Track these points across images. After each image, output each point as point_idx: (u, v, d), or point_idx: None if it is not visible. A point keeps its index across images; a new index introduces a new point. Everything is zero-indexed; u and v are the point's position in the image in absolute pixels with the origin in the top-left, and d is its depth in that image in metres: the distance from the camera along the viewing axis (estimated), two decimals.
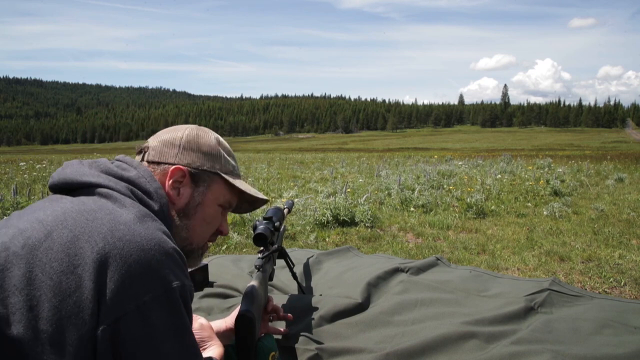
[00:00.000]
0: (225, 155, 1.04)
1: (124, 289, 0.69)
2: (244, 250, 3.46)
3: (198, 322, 1.13)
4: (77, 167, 0.88)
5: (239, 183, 1.04)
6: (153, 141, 0.99)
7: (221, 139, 1.07)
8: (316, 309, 1.64)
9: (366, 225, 4.14)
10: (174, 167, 0.95)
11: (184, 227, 0.96)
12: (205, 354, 1.03)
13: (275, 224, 1.47)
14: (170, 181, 0.94)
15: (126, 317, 0.69)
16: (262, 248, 1.44)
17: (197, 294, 1.86)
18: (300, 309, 1.61)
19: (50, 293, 0.67)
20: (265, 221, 1.44)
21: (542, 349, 1.34)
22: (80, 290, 0.68)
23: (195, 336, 0.94)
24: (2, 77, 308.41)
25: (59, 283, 0.67)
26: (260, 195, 1.09)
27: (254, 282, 1.23)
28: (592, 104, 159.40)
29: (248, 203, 1.11)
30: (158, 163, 0.95)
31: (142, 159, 0.97)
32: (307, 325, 1.52)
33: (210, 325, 1.15)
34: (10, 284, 0.67)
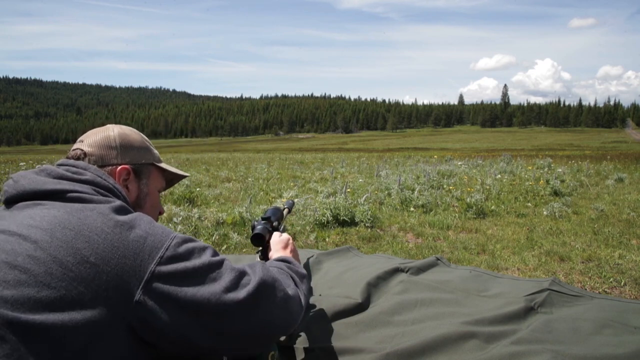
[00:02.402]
0: (151, 146, 1.17)
1: (139, 260, 0.78)
2: (244, 250, 3.46)
3: (277, 234, 1.36)
4: (31, 177, 0.91)
5: (167, 166, 1.19)
6: (87, 147, 1.04)
7: (140, 133, 1.18)
8: (315, 305, 1.64)
9: (366, 225, 4.14)
10: (120, 167, 1.05)
11: None
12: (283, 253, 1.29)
13: (274, 224, 1.47)
14: (120, 180, 1.04)
15: (150, 284, 0.78)
16: (260, 248, 1.44)
17: None
18: None
19: (76, 282, 0.74)
20: (263, 221, 1.44)
21: (542, 349, 1.34)
22: (99, 275, 0.75)
23: (276, 243, 1.31)
24: (2, 77, 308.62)
25: (79, 273, 0.74)
26: (181, 172, 1.24)
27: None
28: (592, 104, 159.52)
29: (168, 182, 1.25)
30: (102, 166, 1.03)
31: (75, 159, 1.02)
32: (307, 325, 1.52)
33: (288, 237, 1.37)
34: (38, 281, 0.72)
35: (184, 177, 1.25)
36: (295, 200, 4.99)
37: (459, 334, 1.43)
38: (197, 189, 6.53)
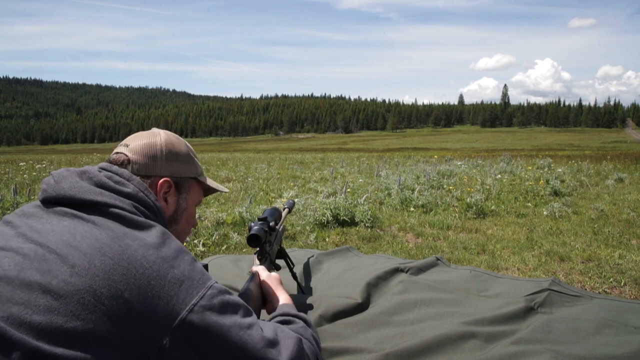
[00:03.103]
0: (196, 159, 1.12)
1: (172, 304, 0.77)
2: (243, 250, 3.46)
3: (265, 272, 1.28)
4: (73, 180, 0.88)
5: (209, 182, 1.15)
6: (131, 153, 1.00)
7: (186, 142, 1.13)
8: (314, 308, 1.64)
9: (366, 225, 4.14)
10: (162, 179, 1.01)
11: (173, 232, 1.03)
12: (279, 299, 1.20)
13: (270, 224, 1.47)
14: (160, 193, 1.01)
15: (184, 322, 0.77)
16: (258, 249, 1.44)
17: None
18: (300, 309, 1.61)
19: (105, 317, 0.72)
20: (260, 222, 1.43)
21: (542, 349, 1.34)
22: (130, 313, 0.74)
23: (267, 282, 1.22)
24: (2, 77, 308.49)
25: (111, 308, 0.72)
26: (222, 187, 1.20)
27: (247, 285, 1.23)
28: (592, 104, 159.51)
29: (206, 193, 1.22)
30: (147, 177, 1.00)
31: (120, 166, 0.98)
32: None
33: (277, 276, 1.30)
34: (72, 309, 0.71)
35: (223, 191, 1.22)
36: (295, 200, 4.99)
37: (459, 334, 1.44)
38: None
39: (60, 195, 0.85)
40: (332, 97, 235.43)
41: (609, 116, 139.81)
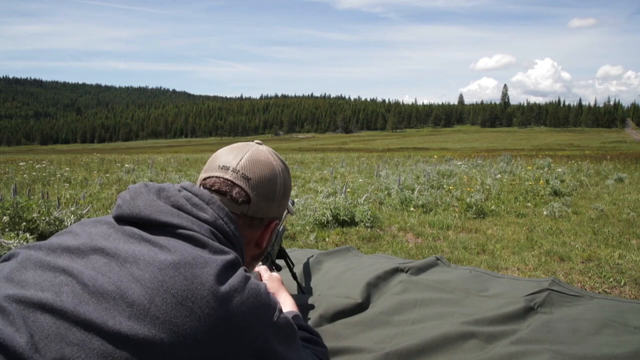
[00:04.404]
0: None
1: (238, 343, 0.73)
2: None
3: (267, 273, 1.24)
4: (149, 199, 0.82)
5: (288, 211, 1.13)
6: (254, 192, 0.90)
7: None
8: (315, 308, 1.64)
9: (366, 225, 4.14)
10: (274, 222, 0.97)
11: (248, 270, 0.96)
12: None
13: None
14: (267, 235, 0.96)
15: None
16: None
17: None
18: (300, 309, 1.62)
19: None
20: None
21: (541, 349, 1.34)
22: (193, 356, 0.68)
23: (270, 283, 1.16)
24: (2, 77, 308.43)
25: (171, 354, 0.67)
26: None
27: None
28: (592, 103, 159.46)
29: None
30: (260, 219, 0.93)
31: (233, 202, 0.90)
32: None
33: (279, 277, 1.26)
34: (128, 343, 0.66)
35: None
36: (295, 200, 4.99)
37: (459, 334, 1.44)
38: None
39: (134, 214, 0.80)
40: (332, 97, 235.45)
41: (609, 116, 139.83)
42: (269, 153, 0.97)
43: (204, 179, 0.92)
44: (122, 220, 0.81)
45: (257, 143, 1.00)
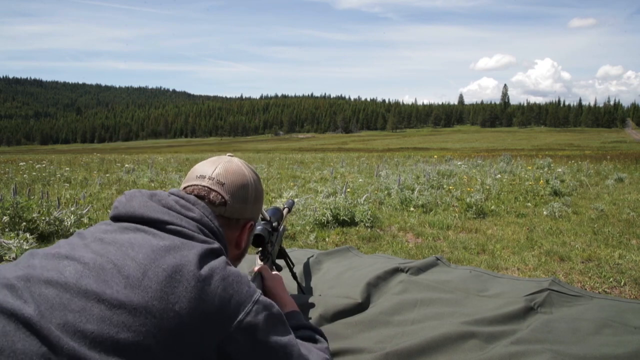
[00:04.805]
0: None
1: (220, 319, 0.80)
2: None
3: (269, 272, 1.31)
4: (142, 200, 0.92)
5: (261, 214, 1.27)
6: (229, 195, 1.01)
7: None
8: (315, 307, 1.64)
9: (366, 225, 4.14)
10: (249, 223, 1.08)
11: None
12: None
13: (273, 224, 1.47)
14: (244, 235, 1.07)
15: (231, 336, 0.81)
16: (260, 249, 1.44)
17: None
18: (300, 308, 1.62)
19: (155, 329, 0.74)
20: (263, 222, 1.44)
21: (541, 349, 1.34)
22: (179, 327, 0.76)
23: (272, 282, 1.25)
24: (2, 77, 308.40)
25: (162, 321, 0.75)
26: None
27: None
28: (592, 103, 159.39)
29: None
30: (236, 219, 1.04)
31: (211, 204, 1.00)
32: None
33: (280, 277, 1.34)
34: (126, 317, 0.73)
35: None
36: (295, 200, 4.99)
37: (459, 334, 1.44)
38: None
39: (129, 213, 0.90)
40: (332, 97, 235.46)
41: (609, 116, 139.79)
42: (240, 163, 1.09)
43: (184, 188, 1.04)
44: (119, 219, 0.91)
45: (229, 155, 1.12)
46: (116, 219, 0.91)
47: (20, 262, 0.81)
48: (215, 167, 1.04)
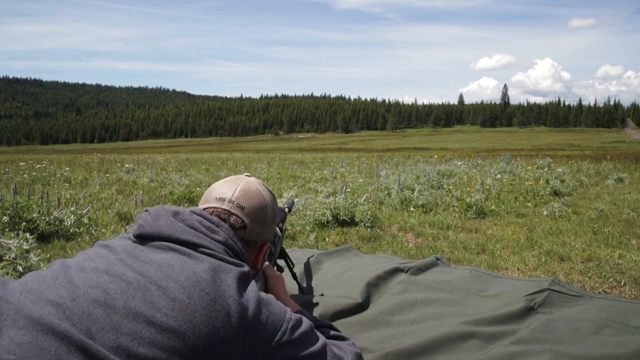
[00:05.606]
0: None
1: (261, 338, 0.83)
2: None
3: (273, 272, 1.33)
4: (168, 220, 0.92)
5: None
6: (248, 219, 1.02)
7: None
8: (316, 305, 1.64)
9: (366, 225, 4.14)
10: (266, 245, 1.09)
11: None
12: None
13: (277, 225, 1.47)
14: (262, 255, 1.09)
15: (270, 356, 0.84)
16: None
17: None
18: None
19: (202, 352, 0.75)
20: None
21: (541, 349, 1.34)
22: (223, 351, 0.78)
23: (275, 282, 1.27)
24: (2, 77, 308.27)
25: (208, 344, 0.76)
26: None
27: (258, 285, 1.24)
28: (592, 103, 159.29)
29: None
30: (254, 241, 1.05)
31: (231, 228, 1.01)
32: None
33: (283, 279, 1.36)
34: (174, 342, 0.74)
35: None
36: (295, 200, 4.99)
37: (459, 334, 1.44)
38: (197, 189, 6.53)
39: (157, 233, 0.89)
40: (332, 97, 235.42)
41: (609, 116, 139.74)
42: (258, 184, 1.09)
43: (204, 209, 1.03)
44: (144, 238, 0.90)
45: (246, 175, 1.12)
46: (141, 237, 0.90)
47: (56, 275, 0.78)
48: (234, 190, 1.04)
